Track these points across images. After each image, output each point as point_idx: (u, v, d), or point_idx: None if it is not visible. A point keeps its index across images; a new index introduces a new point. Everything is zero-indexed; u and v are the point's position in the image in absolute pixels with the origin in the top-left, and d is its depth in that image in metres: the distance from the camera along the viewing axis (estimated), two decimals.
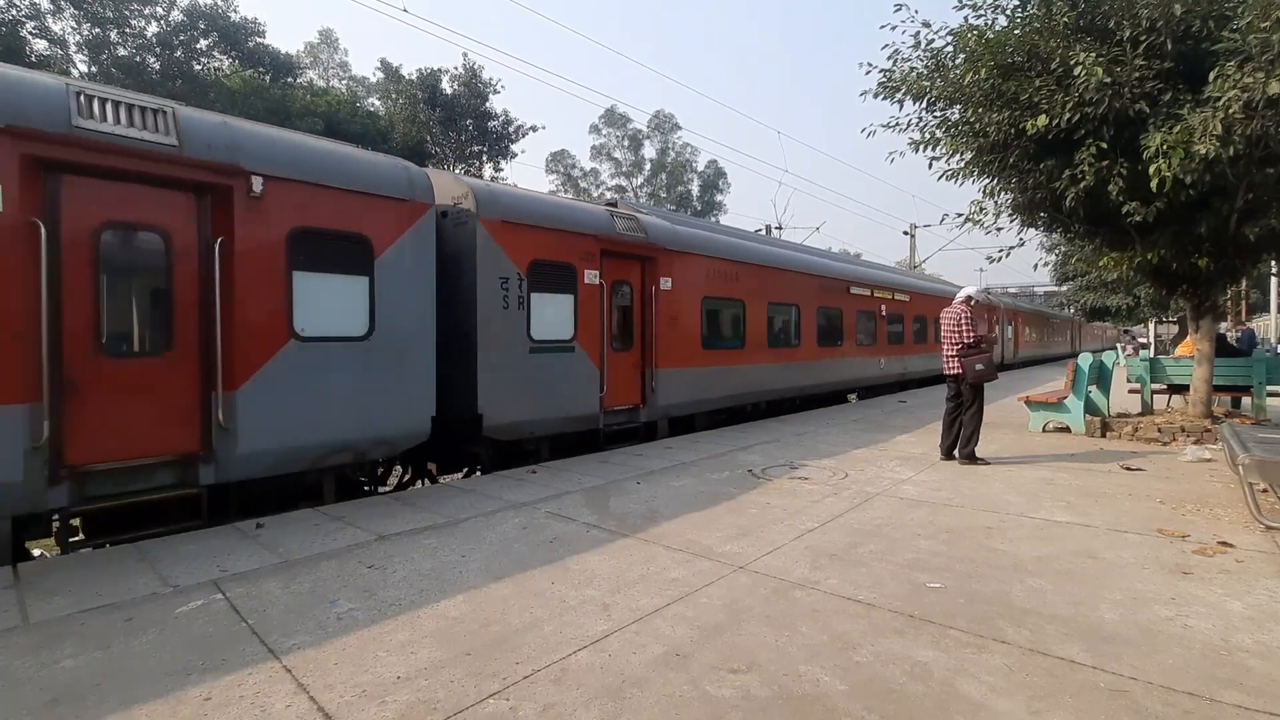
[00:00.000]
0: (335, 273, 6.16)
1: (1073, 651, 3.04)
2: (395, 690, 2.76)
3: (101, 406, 4.94)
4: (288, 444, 5.83)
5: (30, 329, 4.52)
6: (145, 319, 5.31)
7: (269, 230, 5.68)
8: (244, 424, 5.51)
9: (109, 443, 4.97)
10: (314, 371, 5.97)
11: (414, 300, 6.72)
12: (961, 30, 8.11)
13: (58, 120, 4.64)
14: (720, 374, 11.30)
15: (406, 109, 33.69)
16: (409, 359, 6.66)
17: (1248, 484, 5.14)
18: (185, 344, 5.36)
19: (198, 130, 5.35)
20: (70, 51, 27.11)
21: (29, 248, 4.50)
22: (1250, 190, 7.62)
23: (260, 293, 5.63)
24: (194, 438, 5.38)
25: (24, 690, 2.78)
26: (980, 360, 7.43)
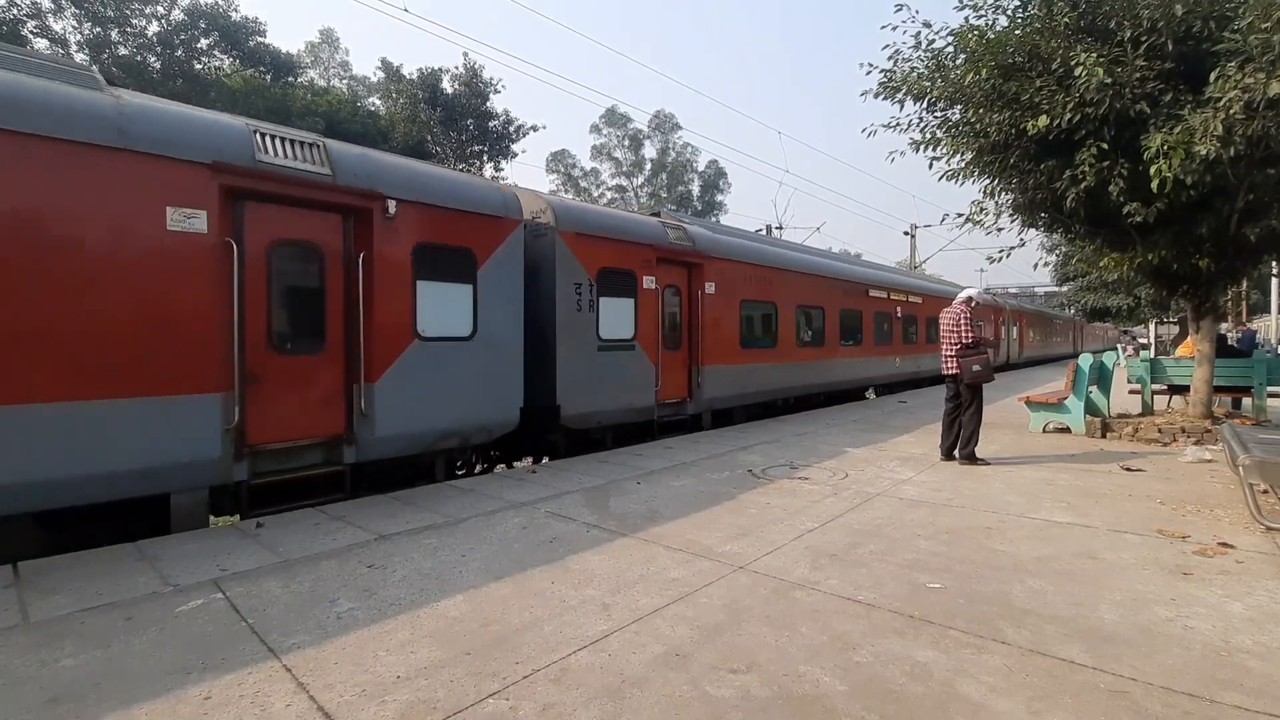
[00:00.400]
0: (447, 281, 7.07)
1: (1073, 652, 3.04)
2: (395, 690, 2.76)
3: (273, 395, 5.85)
4: (412, 430, 6.76)
5: (227, 330, 5.45)
6: (305, 321, 6.20)
7: (399, 246, 6.63)
8: (379, 411, 6.43)
9: (277, 426, 5.89)
10: (432, 367, 6.89)
11: (508, 305, 7.66)
12: (962, 30, 8.11)
13: (244, 156, 5.55)
14: (756, 371, 12.17)
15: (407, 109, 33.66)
16: (503, 357, 7.61)
17: (1248, 485, 5.14)
18: (334, 342, 6.30)
19: (345, 161, 6.30)
20: (71, 51, 27.11)
21: (225, 263, 5.43)
22: (1251, 191, 7.62)
23: (393, 299, 6.58)
24: (340, 422, 6.31)
25: (24, 689, 2.78)
26: (978, 361, 7.42)
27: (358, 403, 6.30)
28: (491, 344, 7.44)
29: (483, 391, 7.36)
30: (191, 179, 5.24)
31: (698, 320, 10.78)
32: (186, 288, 5.23)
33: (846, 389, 16.07)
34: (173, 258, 5.14)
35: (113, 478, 4.87)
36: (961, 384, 7.52)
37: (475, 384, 7.27)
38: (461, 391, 7.14)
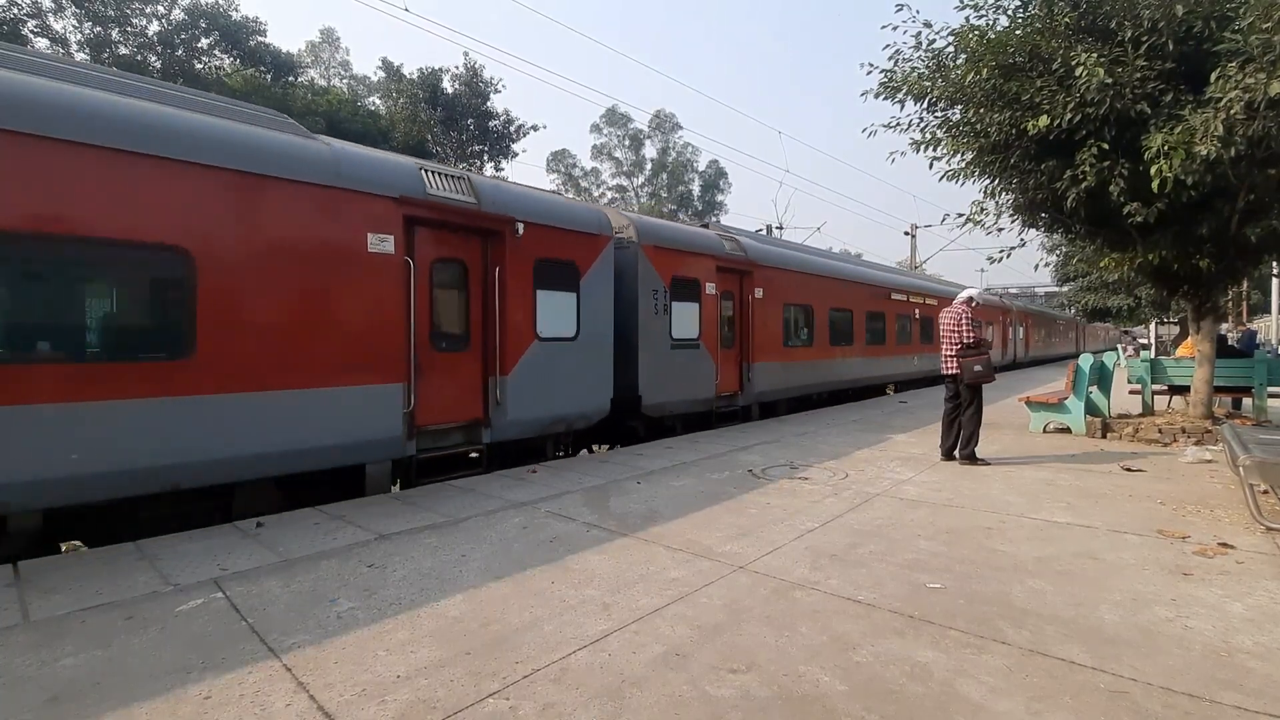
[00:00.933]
0: (558, 290, 8.25)
1: (1073, 652, 3.03)
2: (395, 689, 2.76)
3: (433, 386, 7.01)
4: (534, 415, 7.99)
5: (405, 332, 6.63)
6: (454, 324, 7.40)
7: (523, 261, 7.82)
8: (510, 400, 7.62)
9: (435, 411, 7.06)
10: (548, 363, 8.08)
11: (602, 309, 8.89)
12: (963, 30, 8.11)
13: (418, 190, 6.76)
14: (796, 368, 13.57)
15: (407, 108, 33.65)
16: (599, 354, 8.84)
17: (1248, 485, 5.13)
18: (475, 342, 7.50)
19: (485, 191, 7.54)
20: (72, 50, 27.11)
21: (404, 277, 6.64)
22: (1251, 191, 7.61)
23: (519, 305, 7.78)
24: (479, 409, 7.52)
25: (24, 688, 2.78)
26: (978, 361, 7.41)
27: (493, 393, 7.54)
28: (590, 343, 8.69)
29: (584, 384, 8.62)
30: (384, 210, 6.46)
31: (748, 322, 12.02)
32: (381, 297, 6.44)
33: (871, 385, 17.29)
34: (372, 273, 6.36)
35: (330, 450, 6.08)
36: (961, 384, 7.51)
37: (578, 378, 8.54)
38: (569, 384, 8.39)
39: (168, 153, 5.12)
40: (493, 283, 7.49)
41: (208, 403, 5.32)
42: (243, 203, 5.55)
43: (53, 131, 4.61)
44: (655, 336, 9.84)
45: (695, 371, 10.69)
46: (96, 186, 4.81)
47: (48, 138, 4.59)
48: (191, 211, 5.24)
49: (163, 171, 5.09)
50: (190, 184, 5.23)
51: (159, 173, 5.07)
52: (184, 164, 5.20)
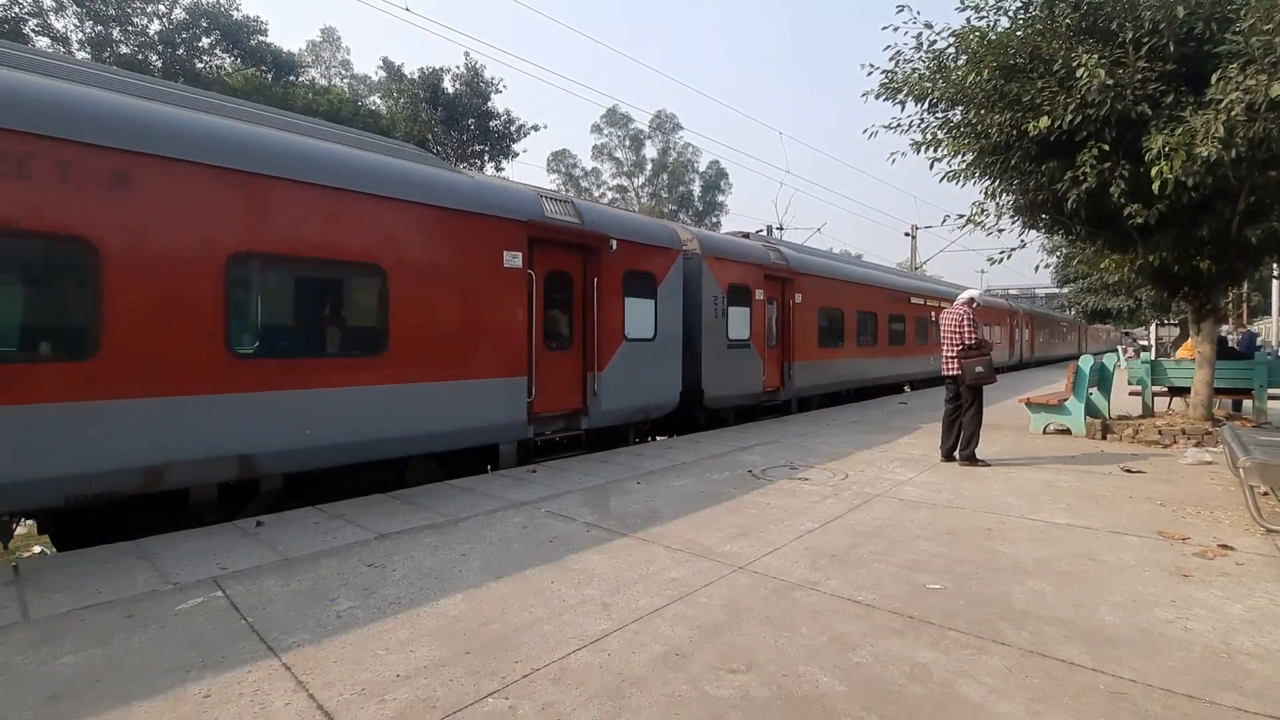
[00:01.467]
0: (640, 297, 9.47)
1: (1072, 653, 3.03)
2: (394, 688, 2.76)
3: (546, 379, 8.12)
4: (622, 406, 9.18)
5: (528, 333, 7.80)
6: (562, 326, 8.57)
7: (615, 272, 9.01)
8: (603, 392, 8.81)
9: (547, 400, 8.16)
10: (633, 361, 9.27)
11: (674, 314, 10.11)
12: (964, 31, 8.11)
13: (538, 213, 7.94)
14: (829, 366, 14.88)
15: (408, 108, 33.63)
16: (671, 353, 10.07)
17: (1248, 487, 5.13)
18: (576, 342, 8.66)
19: (586, 212, 8.78)
20: (73, 49, 27.11)
21: (527, 288, 7.79)
22: (1252, 193, 7.62)
23: (611, 311, 8.95)
24: (579, 399, 8.68)
25: (24, 686, 2.78)
26: (980, 362, 7.40)
27: (590, 386, 8.70)
28: (665, 344, 9.91)
29: (660, 379, 9.88)
30: (514, 231, 7.64)
31: (789, 324, 13.28)
32: (512, 304, 7.63)
33: (892, 383, 18.57)
34: (505, 284, 7.55)
35: (476, 431, 7.31)
36: (962, 385, 7.51)
37: (655, 373, 9.78)
38: (648, 379, 9.63)
39: (378, 191, 6.44)
40: (591, 291, 8.70)
41: (395, 390, 6.52)
42: (418, 227, 6.81)
43: (334, 183, 6.13)
44: (715, 337, 11.02)
45: (747, 369, 11.93)
46: (347, 221, 6.23)
47: (334, 188, 6.11)
48: (386, 235, 6.50)
49: (364, 204, 6.34)
50: (386, 213, 6.50)
51: (362, 206, 6.33)
52: (383, 199, 6.48)
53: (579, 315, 8.66)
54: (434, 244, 6.92)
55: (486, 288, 7.37)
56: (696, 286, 10.71)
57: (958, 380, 7.58)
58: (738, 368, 11.62)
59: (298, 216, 5.88)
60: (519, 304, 7.69)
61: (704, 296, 10.80)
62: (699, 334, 10.71)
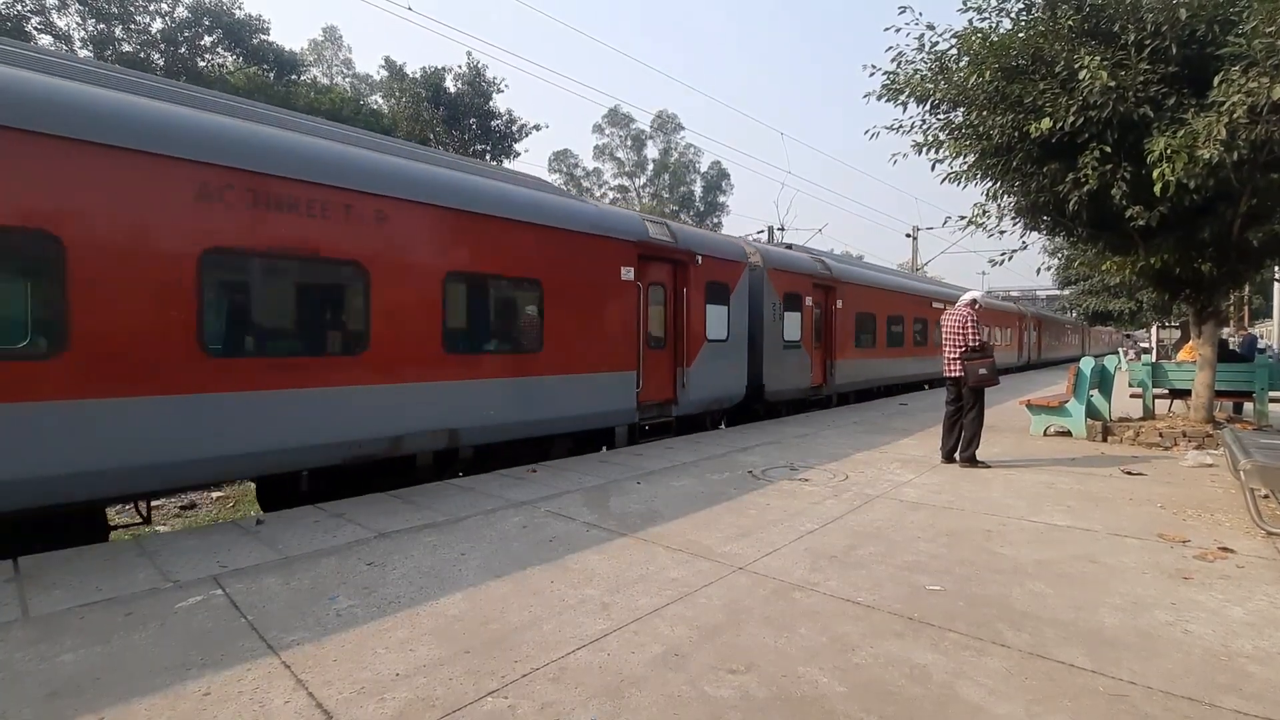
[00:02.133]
0: (717, 304, 11.00)
1: (1072, 655, 3.03)
2: (394, 687, 2.76)
3: (649, 373, 9.69)
4: (703, 397, 10.82)
5: (637, 334, 9.38)
6: (659, 329, 10.04)
7: (699, 283, 10.59)
8: (690, 385, 10.40)
9: (649, 391, 9.70)
10: (712, 358, 10.83)
11: (741, 318, 11.63)
12: (965, 33, 8.11)
13: (643, 234, 9.51)
14: (864, 364, 16.51)
15: (410, 107, 33.61)
16: (739, 352, 11.59)
17: (1249, 489, 5.12)
18: (670, 342, 10.19)
19: (677, 232, 10.43)
20: (75, 47, 27.12)
21: (637, 296, 9.40)
22: (1254, 195, 7.61)
23: (696, 315, 10.50)
24: (671, 391, 10.22)
25: (24, 684, 2.78)
26: (983, 365, 7.38)
27: (680, 379, 10.27)
28: (735, 344, 11.44)
29: (731, 374, 11.43)
30: (628, 250, 9.22)
31: (832, 328, 14.89)
32: (627, 310, 9.24)
33: (916, 381, 20.09)
34: (622, 294, 9.15)
35: (600, 416, 8.88)
36: (964, 387, 7.50)
37: (728, 369, 11.31)
38: (722, 374, 11.19)
39: (537, 220, 7.99)
40: (681, 299, 10.28)
41: (548, 381, 8.11)
42: (564, 249, 8.32)
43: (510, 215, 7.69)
44: (773, 339, 12.64)
45: (798, 366, 13.59)
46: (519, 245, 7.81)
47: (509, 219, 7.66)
48: (540, 255, 8.01)
49: (527, 231, 7.90)
50: (539, 238, 8.02)
51: (526, 232, 7.88)
52: (538, 226, 7.99)
53: (671, 319, 10.28)
54: (573, 262, 8.46)
55: (609, 297, 9.00)
56: (759, 294, 12.28)
57: (959, 382, 7.57)
58: (791, 365, 13.30)
59: (487, 242, 7.47)
60: (632, 310, 9.35)
61: (765, 303, 12.38)
62: (761, 336, 12.29)
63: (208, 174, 5.34)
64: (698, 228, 13.02)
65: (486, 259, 7.51)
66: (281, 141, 5.96)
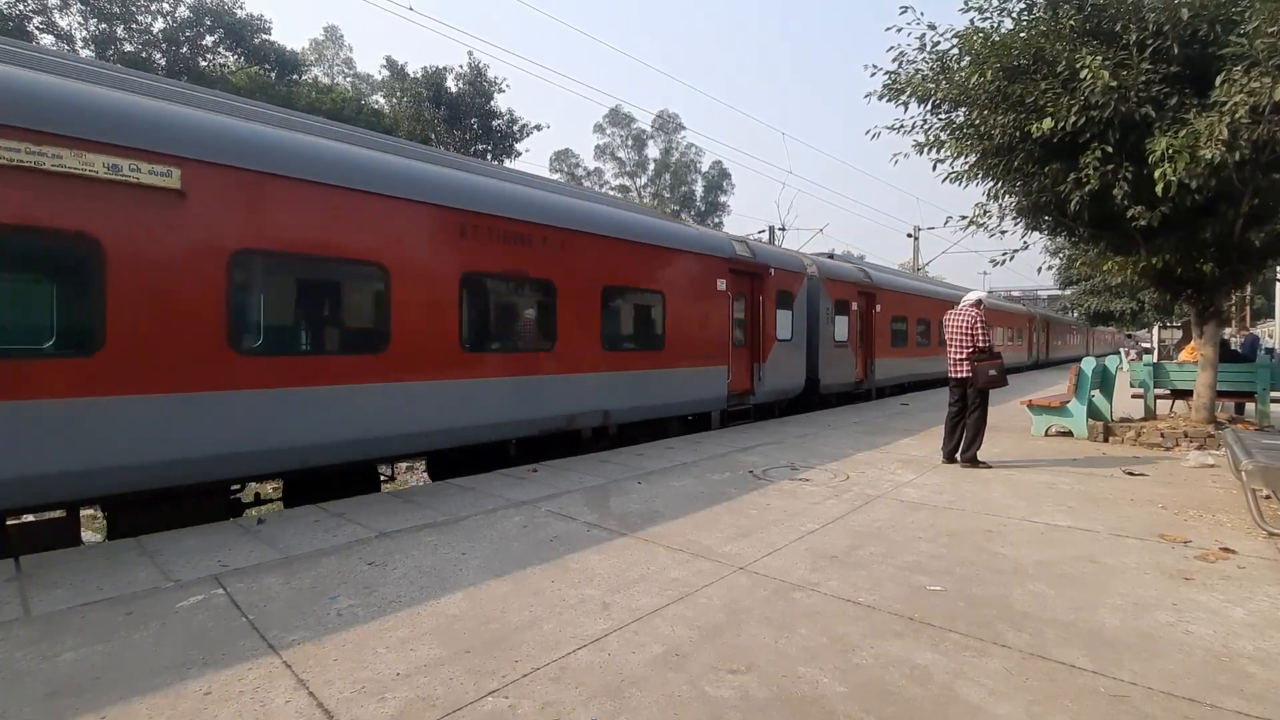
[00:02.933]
0: (784, 309, 12.92)
1: (1073, 656, 3.03)
2: (395, 687, 2.76)
3: (734, 367, 11.46)
4: (773, 388, 12.70)
5: (728, 335, 11.22)
6: (742, 330, 11.78)
7: (771, 292, 12.51)
8: (765, 378, 12.27)
9: (735, 383, 11.48)
10: (780, 356, 12.74)
11: (802, 321, 13.55)
12: (967, 33, 8.10)
13: (731, 253, 11.43)
14: (898, 362, 18.52)
15: (411, 107, 33.66)
16: (801, 351, 13.52)
17: (1250, 490, 5.12)
18: (750, 341, 12.02)
19: (755, 250, 12.41)
20: (77, 47, 27.14)
21: (728, 304, 11.22)
22: (1256, 195, 7.60)
23: (769, 319, 12.40)
24: (749, 383, 12.04)
25: (24, 682, 2.79)
26: (993, 365, 7.34)
27: (757, 372, 12.13)
28: (797, 343, 13.35)
29: (795, 369, 13.38)
30: (721, 265, 11.16)
31: (871, 330, 16.82)
32: (721, 315, 11.13)
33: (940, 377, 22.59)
34: (717, 301, 11.05)
35: (701, 402, 10.84)
36: (973, 387, 7.48)
37: (792, 365, 13.27)
38: (788, 369, 13.11)
39: (661, 243, 10.02)
40: (758, 305, 12.15)
41: (668, 373, 10.07)
42: (679, 266, 10.32)
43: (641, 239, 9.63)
44: (827, 339, 14.55)
45: (846, 363, 15.57)
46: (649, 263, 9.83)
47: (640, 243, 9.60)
48: (663, 271, 10.03)
49: (655, 253, 9.91)
50: (662, 257, 10.03)
51: (654, 254, 9.89)
52: (661, 248, 10.02)
53: (750, 322, 12.06)
54: (685, 277, 10.44)
55: (708, 305, 10.89)
56: (815, 301, 14.21)
57: (964, 383, 7.56)
58: (841, 363, 15.31)
59: (629, 263, 9.48)
60: (724, 315, 11.19)
61: (820, 308, 14.31)
62: (817, 337, 14.20)
63: (513, 225, 7.83)
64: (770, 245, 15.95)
65: (630, 276, 9.54)
66: (512, 195, 8.04)
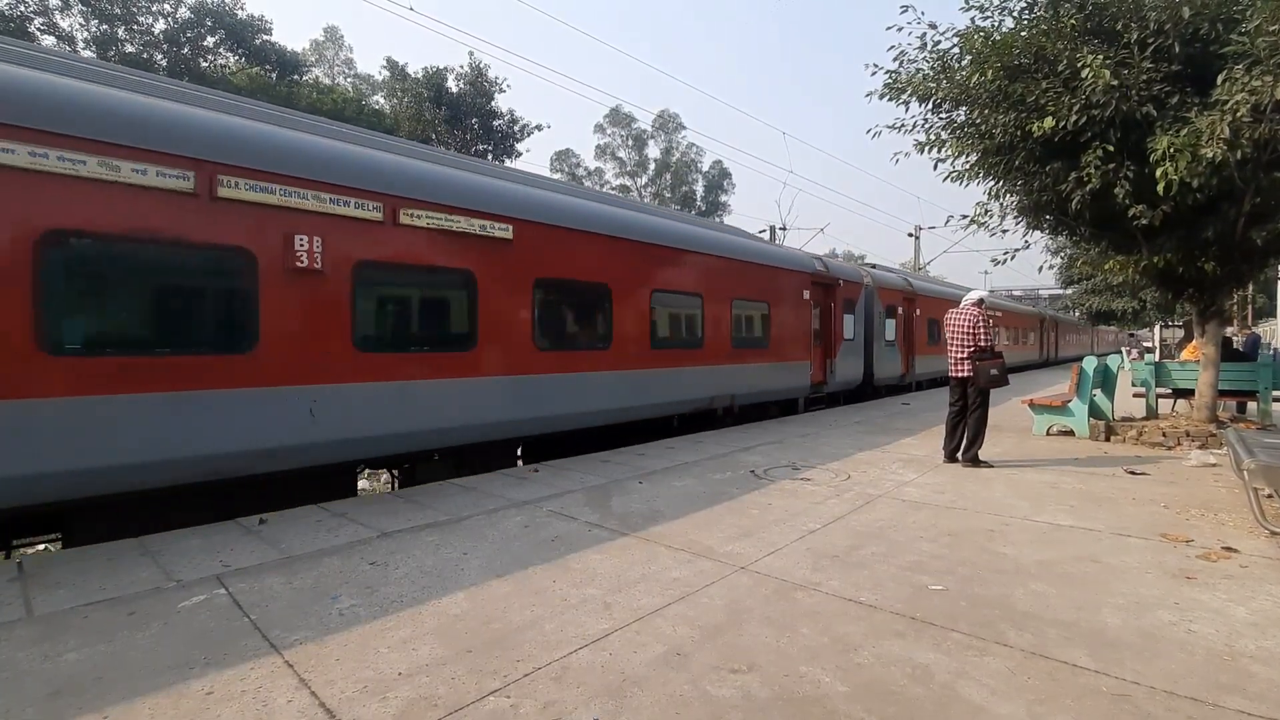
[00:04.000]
0: (849, 314, 15.45)
1: (1075, 655, 3.03)
2: (396, 686, 2.76)
3: (813, 362, 14.05)
4: (842, 379, 15.21)
5: (810, 335, 13.91)
6: (820, 330, 14.27)
7: (839, 299, 14.95)
8: (835, 372, 14.83)
9: (814, 375, 14.08)
10: (846, 353, 15.28)
11: (861, 324, 16.07)
12: (968, 32, 8.09)
13: (813, 268, 14.11)
14: (932, 360, 20.51)
15: (412, 107, 33.65)
16: (859, 349, 15.99)
17: (1252, 489, 5.11)
18: (825, 340, 14.58)
19: (829, 265, 15.13)
20: (78, 48, 27.17)
21: (809, 311, 13.91)
22: (1257, 194, 7.59)
23: (838, 322, 14.87)
24: (823, 375, 14.54)
25: (27, 682, 2.79)
26: (994, 365, 7.35)
27: (829, 367, 14.72)
28: (858, 343, 15.93)
29: (855, 365, 15.95)
30: (806, 279, 13.65)
31: (912, 331, 19.39)
32: (805, 320, 13.55)
33: None
34: (803, 309, 13.44)
35: (791, 389, 13.30)
36: (974, 386, 7.48)
37: (854, 361, 15.83)
38: (852, 364, 15.71)
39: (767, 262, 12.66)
40: (830, 310, 14.87)
41: (772, 365, 12.61)
42: (781, 282, 12.92)
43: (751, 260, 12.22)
44: (880, 340, 17.03)
45: (893, 360, 18.05)
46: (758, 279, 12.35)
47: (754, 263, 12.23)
48: (769, 285, 12.61)
49: (764, 271, 12.53)
50: (768, 274, 12.58)
51: (764, 271, 12.49)
52: (768, 266, 12.61)
53: (824, 325, 14.74)
54: (783, 289, 12.99)
55: (797, 311, 13.41)
56: (871, 306, 16.64)
57: (965, 382, 7.56)
58: (890, 360, 17.78)
59: (745, 279, 11.95)
60: (807, 320, 13.77)
61: (874, 312, 16.72)
62: (872, 337, 16.65)
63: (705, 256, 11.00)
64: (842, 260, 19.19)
65: (748, 290, 12.04)
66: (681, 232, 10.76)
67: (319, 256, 5.89)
